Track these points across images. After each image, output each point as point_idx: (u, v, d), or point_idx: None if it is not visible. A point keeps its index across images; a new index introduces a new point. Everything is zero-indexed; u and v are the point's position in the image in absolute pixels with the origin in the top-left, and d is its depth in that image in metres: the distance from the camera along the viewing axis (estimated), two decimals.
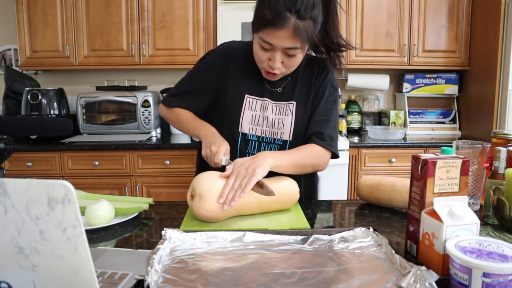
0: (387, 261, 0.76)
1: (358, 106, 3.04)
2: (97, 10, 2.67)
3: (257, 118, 1.19)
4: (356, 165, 2.58)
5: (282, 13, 0.98)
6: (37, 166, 2.48)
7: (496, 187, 0.97)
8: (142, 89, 2.83)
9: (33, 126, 0.97)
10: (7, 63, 3.03)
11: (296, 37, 1.00)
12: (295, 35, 1.00)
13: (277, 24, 0.99)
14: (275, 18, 0.98)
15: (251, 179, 0.95)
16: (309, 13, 0.99)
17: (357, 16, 2.75)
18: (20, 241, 0.46)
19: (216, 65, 1.20)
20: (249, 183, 0.94)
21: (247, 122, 1.18)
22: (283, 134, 1.19)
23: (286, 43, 1.02)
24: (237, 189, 0.94)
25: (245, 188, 0.94)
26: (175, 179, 2.52)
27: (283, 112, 1.19)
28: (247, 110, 1.19)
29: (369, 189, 1.15)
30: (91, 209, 0.95)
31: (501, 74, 2.51)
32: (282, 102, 1.20)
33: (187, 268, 0.73)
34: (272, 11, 0.98)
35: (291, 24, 0.98)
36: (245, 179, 0.95)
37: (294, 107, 1.19)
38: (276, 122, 1.19)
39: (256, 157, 1.02)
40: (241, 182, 0.95)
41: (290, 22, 0.98)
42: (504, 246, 0.65)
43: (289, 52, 1.05)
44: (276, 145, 1.20)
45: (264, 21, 1.00)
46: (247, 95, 1.19)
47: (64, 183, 0.43)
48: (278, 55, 1.05)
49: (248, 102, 1.19)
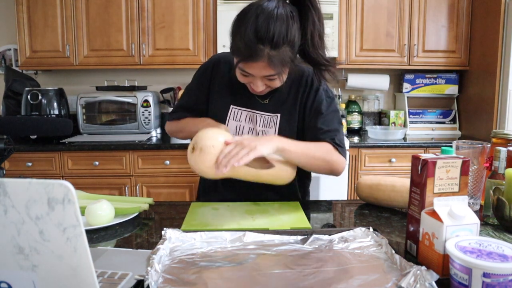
0: (387, 261, 0.76)
1: (358, 106, 3.04)
2: (97, 10, 2.67)
3: (242, 129, 1.18)
4: (356, 165, 2.58)
5: (255, 46, 0.94)
6: (37, 166, 2.48)
7: (496, 187, 0.97)
8: (142, 89, 2.83)
9: (33, 126, 0.97)
10: (7, 63, 3.03)
11: (272, 67, 0.98)
12: (270, 66, 0.97)
13: (251, 58, 0.96)
14: (248, 52, 0.96)
15: (250, 153, 0.90)
16: (283, 40, 0.95)
17: (357, 16, 2.75)
18: (20, 241, 0.46)
19: (205, 78, 1.22)
20: (247, 155, 0.89)
21: (232, 132, 1.17)
22: None
23: (263, 73, 1.01)
24: (233, 156, 0.89)
25: (241, 159, 0.89)
26: (175, 179, 2.52)
27: (267, 124, 1.17)
28: (232, 120, 1.18)
29: (369, 189, 1.15)
30: (91, 209, 0.95)
31: (501, 74, 2.51)
32: (268, 113, 1.18)
33: (187, 268, 0.73)
34: (245, 44, 0.95)
35: (265, 56, 0.95)
36: (243, 151, 0.90)
37: (278, 120, 1.17)
38: (261, 134, 1.17)
39: (263, 136, 1.03)
40: (239, 152, 0.90)
41: (264, 55, 0.95)
42: (504, 246, 0.65)
43: (269, 78, 1.03)
44: None
45: (239, 54, 0.98)
46: (232, 105, 1.18)
47: (64, 183, 0.43)
48: (258, 82, 1.04)
49: (233, 113, 1.18)
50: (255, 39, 0.94)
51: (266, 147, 0.95)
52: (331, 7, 2.64)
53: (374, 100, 3.09)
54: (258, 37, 0.94)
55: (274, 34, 0.94)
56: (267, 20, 0.94)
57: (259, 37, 0.94)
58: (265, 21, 0.94)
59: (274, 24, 0.94)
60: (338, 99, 2.96)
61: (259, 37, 0.94)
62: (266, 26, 0.94)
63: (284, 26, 0.95)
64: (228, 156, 0.89)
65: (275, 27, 0.94)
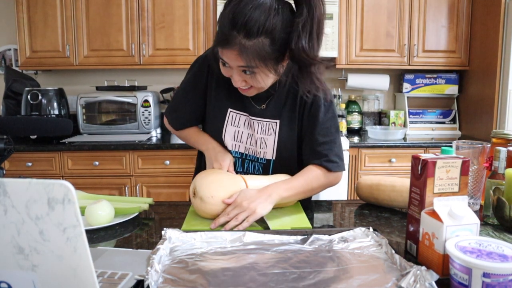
0: (387, 261, 0.76)
1: (358, 106, 3.04)
2: (97, 10, 2.67)
3: (240, 135, 1.15)
4: (356, 165, 2.58)
5: (228, 32, 0.90)
6: (37, 166, 2.48)
7: (496, 187, 0.97)
8: (142, 89, 2.83)
9: (33, 126, 0.97)
10: (7, 63, 3.03)
11: (243, 58, 0.91)
12: (241, 56, 0.91)
13: (223, 43, 0.92)
14: (221, 37, 0.92)
15: (249, 218, 0.94)
16: (258, 29, 0.88)
17: (357, 16, 2.75)
18: (20, 241, 0.46)
19: (203, 73, 1.17)
20: (246, 221, 0.94)
21: (230, 138, 1.15)
22: (266, 153, 1.14)
23: (236, 62, 0.94)
24: (233, 220, 0.94)
25: (240, 225, 0.94)
26: (175, 179, 2.52)
27: (266, 131, 1.13)
28: (230, 125, 1.15)
29: (369, 189, 1.15)
30: (91, 209, 0.95)
31: (501, 74, 2.51)
32: (267, 119, 1.13)
33: (187, 268, 0.73)
34: (220, 29, 0.92)
35: (236, 45, 0.90)
36: (243, 214, 0.95)
37: (277, 126, 1.13)
38: (259, 141, 1.14)
39: (261, 192, 1.00)
40: (238, 215, 0.95)
41: (236, 42, 0.90)
42: (504, 246, 0.65)
43: (244, 71, 0.96)
44: (260, 164, 1.16)
45: (216, 39, 0.95)
46: (230, 109, 1.15)
47: (64, 183, 0.43)
48: (235, 74, 0.98)
49: (231, 117, 1.15)
50: (229, 24, 0.89)
51: (265, 208, 0.98)
52: (331, 7, 2.64)
53: (374, 100, 3.09)
54: (232, 23, 0.89)
55: (248, 22, 0.88)
56: (246, 7, 0.88)
57: (234, 23, 0.89)
58: (243, 8, 0.88)
59: (253, 12, 0.88)
60: (338, 99, 2.96)
61: (233, 23, 0.89)
62: (243, 12, 0.88)
63: (263, 16, 0.88)
64: (228, 219, 0.95)
65: (252, 15, 0.88)
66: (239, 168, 1.18)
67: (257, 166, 1.17)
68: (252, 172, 1.18)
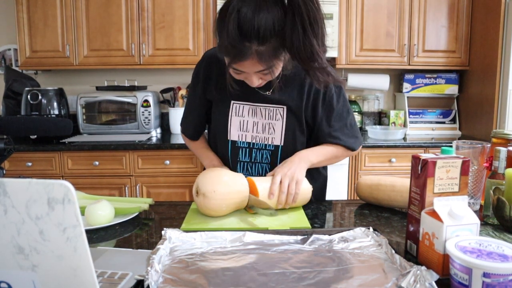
0: (387, 261, 0.76)
1: (358, 106, 3.04)
2: (97, 10, 2.67)
3: (246, 124, 1.16)
4: (356, 165, 2.58)
5: (240, 45, 0.86)
6: (37, 166, 2.48)
7: (496, 187, 0.97)
8: (142, 89, 2.83)
9: (33, 126, 0.97)
10: (7, 63, 3.03)
11: (262, 63, 0.90)
12: (260, 62, 0.90)
13: (239, 57, 0.89)
14: (235, 52, 0.88)
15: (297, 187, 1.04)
16: (270, 33, 0.85)
17: (357, 16, 2.75)
18: (20, 241, 0.46)
19: (200, 78, 1.20)
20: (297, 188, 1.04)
21: (236, 129, 1.16)
22: (274, 139, 1.16)
23: (255, 69, 0.93)
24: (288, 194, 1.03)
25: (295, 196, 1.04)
26: (175, 179, 2.52)
27: (273, 117, 1.15)
28: (234, 116, 1.16)
29: (369, 189, 1.15)
30: (91, 209, 0.95)
31: (501, 74, 2.51)
32: (273, 105, 1.14)
33: (187, 268, 0.73)
34: (230, 43, 0.87)
35: (253, 54, 0.88)
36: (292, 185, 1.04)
37: (284, 112, 1.14)
38: (267, 127, 1.15)
39: (291, 161, 1.09)
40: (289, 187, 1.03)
41: (251, 52, 0.87)
42: (504, 246, 0.65)
43: (263, 73, 0.96)
44: (268, 151, 1.17)
45: (227, 54, 0.91)
46: (233, 101, 1.16)
47: (64, 183, 0.43)
48: (253, 77, 0.97)
49: (235, 108, 1.16)
50: (239, 36, 0.85)
51: (301, 172, 1.08)
52: (331, 7, 2.64)
53: (374, 100, 3.09)
54: (242, 34, 0.85)
55: (259, 29, 0.84)
56: (250, 13, 0.84)
57: (244, 33, 0.85)
58: (247, 14, 0.84)
59: (258, 16, 0.84)
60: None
61: (243, 34, 0.85)
62: (250, 20, 0.84)
63: (269, 17, 0.84)
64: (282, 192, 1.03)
65: (259, 20, 0.84)
66: (246, 158, 1.19)
67: (265, 154, 1.18)
68: (260, 161, 1.19)
